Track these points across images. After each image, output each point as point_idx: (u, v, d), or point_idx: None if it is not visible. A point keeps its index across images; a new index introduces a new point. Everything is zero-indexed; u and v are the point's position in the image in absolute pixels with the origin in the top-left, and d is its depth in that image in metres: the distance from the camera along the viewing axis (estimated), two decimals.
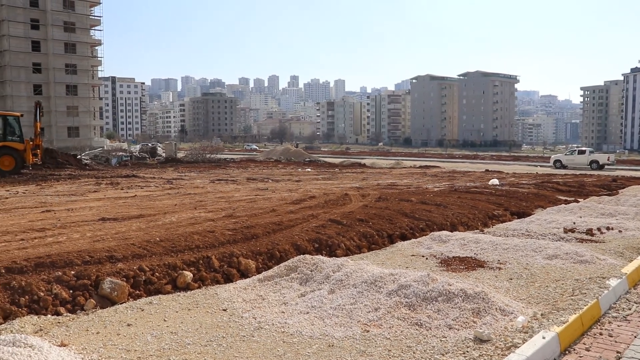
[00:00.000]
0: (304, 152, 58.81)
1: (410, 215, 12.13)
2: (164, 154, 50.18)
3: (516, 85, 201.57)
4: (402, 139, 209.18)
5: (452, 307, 5.90)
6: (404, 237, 10.82)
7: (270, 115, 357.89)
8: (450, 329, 5.50)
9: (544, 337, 5.08)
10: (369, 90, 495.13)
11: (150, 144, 66.11)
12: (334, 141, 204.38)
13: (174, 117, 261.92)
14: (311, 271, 7.19)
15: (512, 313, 5.84)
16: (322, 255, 8.73)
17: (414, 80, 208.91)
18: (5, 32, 77.00)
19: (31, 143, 28.76)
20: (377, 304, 6.03)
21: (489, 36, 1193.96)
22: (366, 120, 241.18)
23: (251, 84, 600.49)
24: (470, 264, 8.54)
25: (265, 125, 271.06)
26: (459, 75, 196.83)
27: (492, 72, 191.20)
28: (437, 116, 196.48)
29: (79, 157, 40.63)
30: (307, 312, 5.99)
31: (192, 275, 7.53)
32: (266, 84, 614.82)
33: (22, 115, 30.41)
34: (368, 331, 5.46)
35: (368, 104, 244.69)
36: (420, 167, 38.87)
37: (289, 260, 7.80)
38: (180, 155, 50.08)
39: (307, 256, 7.70)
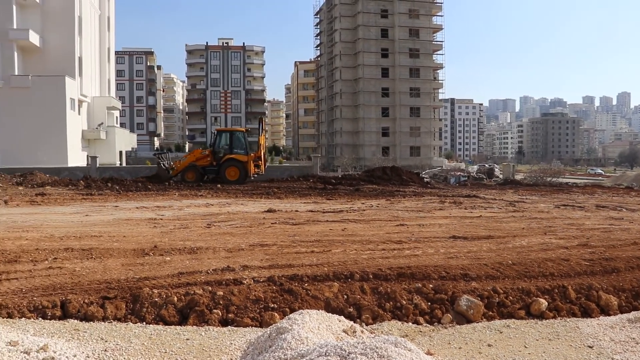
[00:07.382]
0: None
1: None
2: (501, 175, 49.80)
3: None
4: None
5: None
6: None
7: (618, 136, 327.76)
8: None
9: None
10: None
11: (487, 165, 66.47)
12: None
13: (511, 138, 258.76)
14: None
15: None
16: None
17: None
18: (360, 61, 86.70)
19: (252, 155, 31.04)
20: None
21: None
22: None
23: (597, 103, 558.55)
24: None
25: (613, 147, 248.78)
26: None
27: None
28: None
29: (420, 175, 42.83)
30: None
31: (546, 303, 7.27)
32: (614, 102, 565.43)
33: (247, 130, 33.67)
34: None
35: None
36: None
37: None
38: (518, 177, 49.06)
39: None
